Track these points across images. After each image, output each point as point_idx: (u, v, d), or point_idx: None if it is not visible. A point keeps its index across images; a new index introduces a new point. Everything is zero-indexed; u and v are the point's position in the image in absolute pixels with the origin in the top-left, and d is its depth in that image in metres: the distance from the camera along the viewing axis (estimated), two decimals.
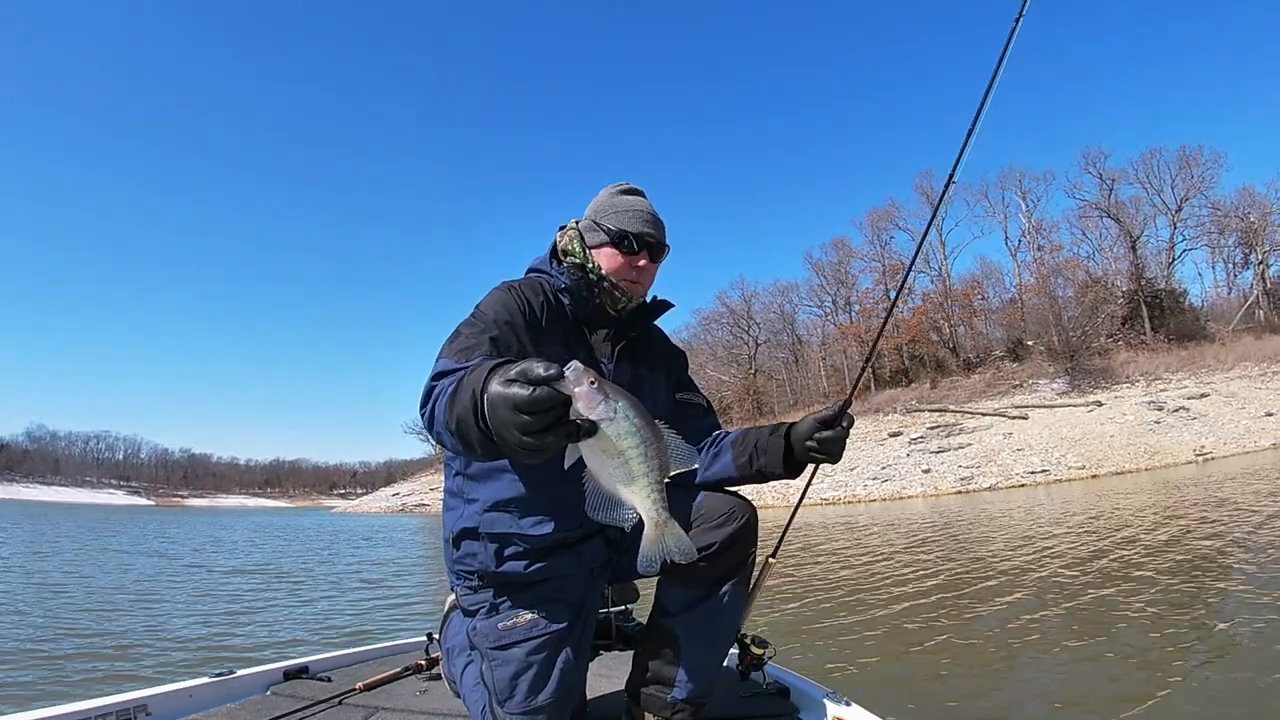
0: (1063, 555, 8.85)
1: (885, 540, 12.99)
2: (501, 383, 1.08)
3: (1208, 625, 4.98)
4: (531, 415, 1.04)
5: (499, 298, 1.78)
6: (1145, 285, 46.68)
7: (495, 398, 1.08)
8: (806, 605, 6.98)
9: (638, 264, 1.89)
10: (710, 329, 62.36)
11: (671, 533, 1.26)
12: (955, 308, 50.84)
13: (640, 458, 1.17)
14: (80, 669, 5.29)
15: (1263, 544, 8.07)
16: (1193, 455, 26.87)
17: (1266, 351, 37.95)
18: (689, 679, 1.81)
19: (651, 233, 1.90)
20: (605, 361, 1.90)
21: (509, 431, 1.06)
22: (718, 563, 1.75)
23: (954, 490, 27.68)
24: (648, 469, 1.18)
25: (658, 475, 1.19)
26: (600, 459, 1.18)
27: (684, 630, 1.81)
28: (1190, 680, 3.90)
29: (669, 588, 1.83)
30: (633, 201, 1.94)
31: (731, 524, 1.75)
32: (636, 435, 1.15)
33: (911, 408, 41.33)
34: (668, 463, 1.21)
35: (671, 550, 1.26)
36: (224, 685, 2.21)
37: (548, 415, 1.04)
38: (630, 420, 1.14)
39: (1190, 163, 49.91)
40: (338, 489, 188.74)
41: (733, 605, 1.82)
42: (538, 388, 1.04)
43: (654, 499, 1.21)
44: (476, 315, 1.73)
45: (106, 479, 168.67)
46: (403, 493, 73.57)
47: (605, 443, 1.14)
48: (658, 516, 1.22)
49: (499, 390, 1.07)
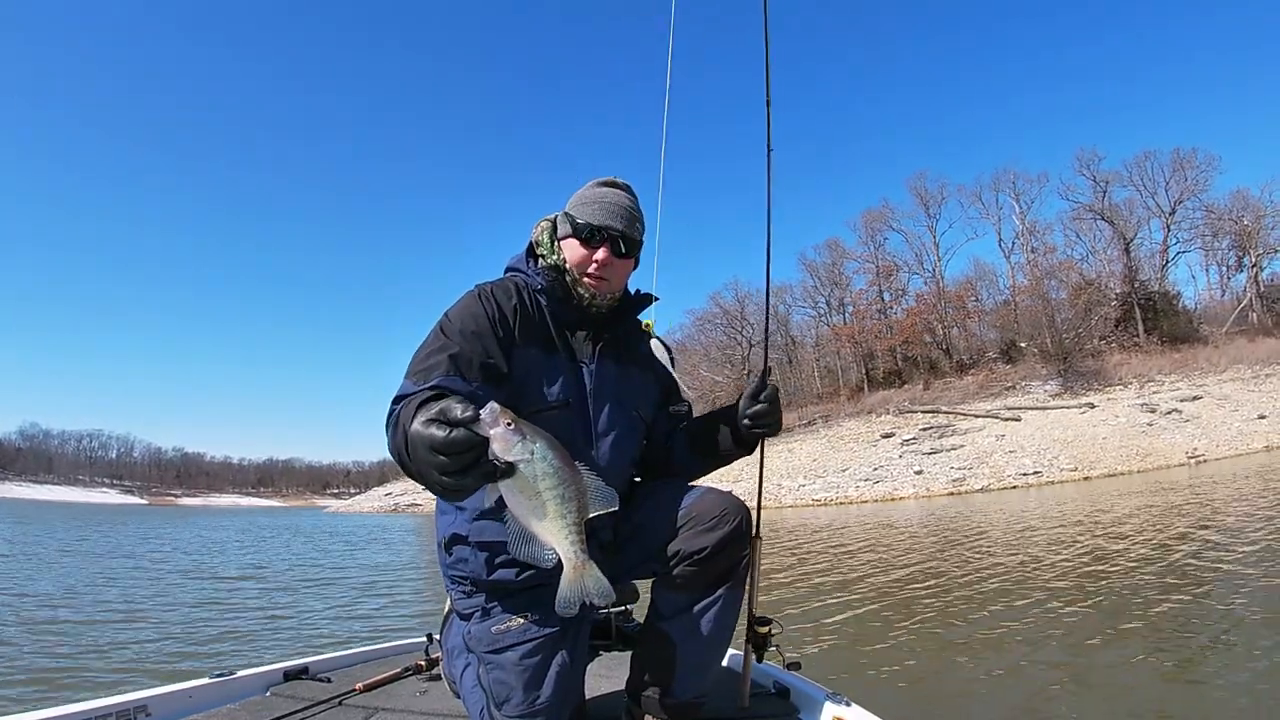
0: (1058, 556, 8.91)
1: (881, 541, 13.03)
2: (421, 423, 1.08)
3: (1206, 626, 5.00)
4: (448, 456, 1.04)
5: (467, 305, 1.75)
6: (1139, 288, 46.71)
7: (415, 437, 1.09)
8: (805, 606, 7.00)
9: (596, 257, 1.83)
10: (704, 330, 62.06)
11: (590, 575, 1.25)
12: (949, 309, 50.87)
13: (557, 500, 1.17)
14: (80, 669, 5.28)
15: (1253, 541, 8.13)
16: (1185, 458, 26.88)
17: (1260, 354, 37.99)
18: (686, 682, 1.81)
19: (614, 226, 1.84)
20: (587, 362, 1.85)
21: (428, 471, 1.07)
22: (709, 567, 1.74)
23: (946, 492, 27.70)
24: (564, 510, 1.18)
25: (575, 517, 1.19)
26: (518, 499, 1.17)
27: (679, 633, 1.80)
28: (1187, 683, 3.92)
29: (663, 591, 1.82)
30: (605, 194, 1.89)
31: (723, 527, 1.73)
32: (554, 476, 1.15)
33: (904, 409, 41.38)
34: (586, 504, 1.21)
35: (590, 593, 1.25)
36: (224, 686, 2.20)
37: (464, 457, 1.05)
38: (548, 461, 1.15)
39: (1184, 165, 49.97)
40: (331, 488, 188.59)
41: (727, 608, 1.80)
42: (454, 429, 1.04)
43: (571, 540, 1.20)
44: (443, 326, 1.70)
45: (100, 478, 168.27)
46: (395, 492, 73.17)
47: (522, 483, 1.14)
48: (575, 559, 1.22)
49: (418, 430, 1.08)
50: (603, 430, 1.84)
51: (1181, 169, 50.00)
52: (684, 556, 1.74)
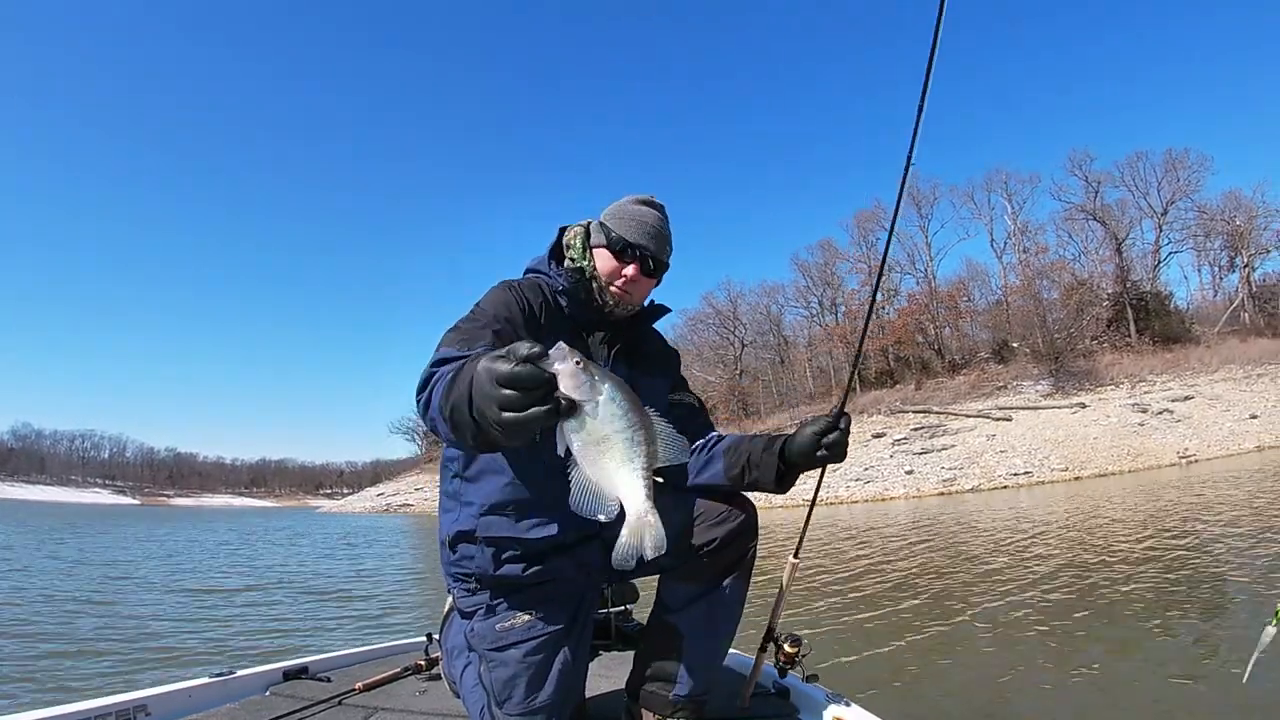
0: (1053, 556, 8.94)
1: (875, 541, 13.02)
2: (488, 359, 1.06)
3: (1204, 630, 5.00)
4: (515, 389, 1.01)
5: (499, 295, 1.78)
6: (1130, 288, 46.89)
7: (480, 373, 1.06)
8: (804, 606, 7.01)
9: (625, 272, 1.86)
10: (696, 329, 62.30)
11: (653, 527, 1.15)
12: (941, 309, 51.01)
13: (626, 443, 1.09)
14: (80, 670, 5.26)
15: (1240, 541, 8.18)
16: (1176, 458, 26.94)
17: (1251, 354, 38.20)
18: (690, 676, 1.83)
19: (647, 246, 1.88)
20: (601, 364, 1.83)
21: (490, 409, 1.03)
22: (718, 558, 1.79)
23: (936, 492, 27.74)
24: (633, 454, 1.10)
25: (645, 463, 1.11)
26: (584, 443, 1.09)
27: (687, 625, 1.83)
28: (1190, 680, 3.91)
29: (671, 583, 1.85)
30: (642, 213, 1.92)
31: (732, 520, 1.79)
32: (623, 419, 1.09)
33: (896, 409, 41.40)
34: (657, 451, 1.14)
35: (646, 546, 1.15)
36: (224, 686, 2.20)
37: (530, 394, 1.01)
38: (617, 403, 1.08)
39: (1176, 166, 50.27)
40: (324, 489, 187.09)
41: (734, 599, 1.84)
42: (521, 364, 1.01)
43: (639, 488, 1.12)
44: (477, 311, 1.73)
45: (92, 478, 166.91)
46: (387, 493, 73.13)
47: (591, 425, 1.08)
48: (641, 508, 1.13)
49: (485, 365, 1.05)
50: None
51: (1174, 169, 50.35)
52: (695, 549, 1.77)
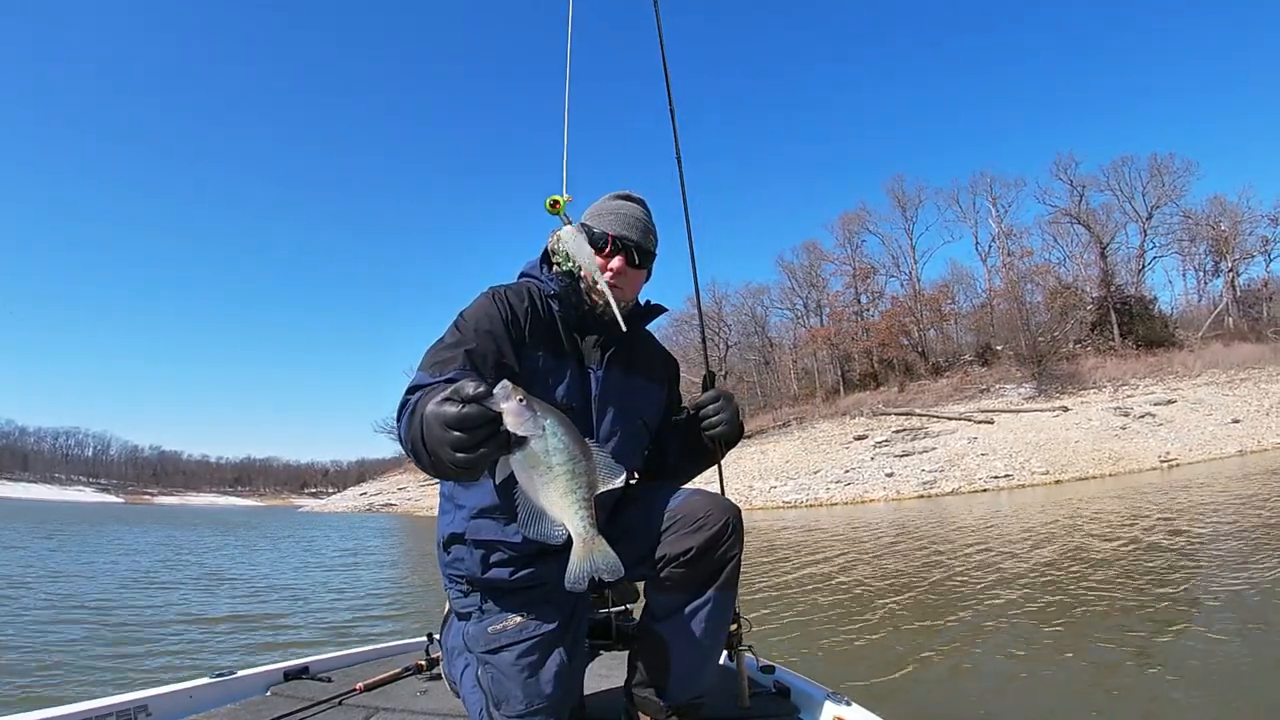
0: (1049, 556, 9.02)
1: (869, 542, 12.92)
2: (436, 402, 1.11)
3: (1202, 631, 4.94)
4: (462, 431, 1.07)
5: (482, 305, 1.78)
6: (1115, 292, 46.78)
7: (430, 416, 1.12)
8: (803, 607, 7.04)
9: (611, 265, 1.86)
10: (681, 330, 61.89)
11: (600, 550, 1.25)
12: (925, 312, 50.92)
13: (567, 475, 1.17)
14: (80, 670, 5.27)
15: (1219, 538, 8.50)
16: (1158, 461, 26.61)
17: (1235, 359, 38.03)
18: (681, 683, 1.83)
19: (630, 236, 1.88)
20: (595, 368, 1.87)
21: (443, 450, 1.10)
22: (696, 568, 1.75)
23: (916, 494, 27.36)
24: (574, 485, 1.18)
25: (585, 493, 1.20)
26: (529, 475, 1.18)
27: (672, 635, 1.80)
28: (1189, 681, 3.88)
29: (654, 592, 1.83)
30: (621, 206, 1.94)
31: (709, 528, 1.74)
32: (564, 452, 1.16)
33: (879, 411, 41.25)
34: (596, 480, 1.21)
35: (600, 568, 1.25)
36: (224, 686, 2.21)
37: (477, 432, 1.08)
38: (558, 437, 1.15)
39: (1161, 170, 50.30)
40: (309, 488, 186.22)
41: (719, 609, 1.80)
42: (467, 405, 1.07)
43: (581, 515, 1.21)
44: (458, 324, 1.73)
45: (76, 476, 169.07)
46: (370, 492, 73.24)
47: (533, 458, 1.15)
48: (585, 534, 1.22)
49: (432, 409, 1.11)
50: (605, 435, 1.85)
51: (1159, 174, 50.46)
52: (670, 559, 1.75)
